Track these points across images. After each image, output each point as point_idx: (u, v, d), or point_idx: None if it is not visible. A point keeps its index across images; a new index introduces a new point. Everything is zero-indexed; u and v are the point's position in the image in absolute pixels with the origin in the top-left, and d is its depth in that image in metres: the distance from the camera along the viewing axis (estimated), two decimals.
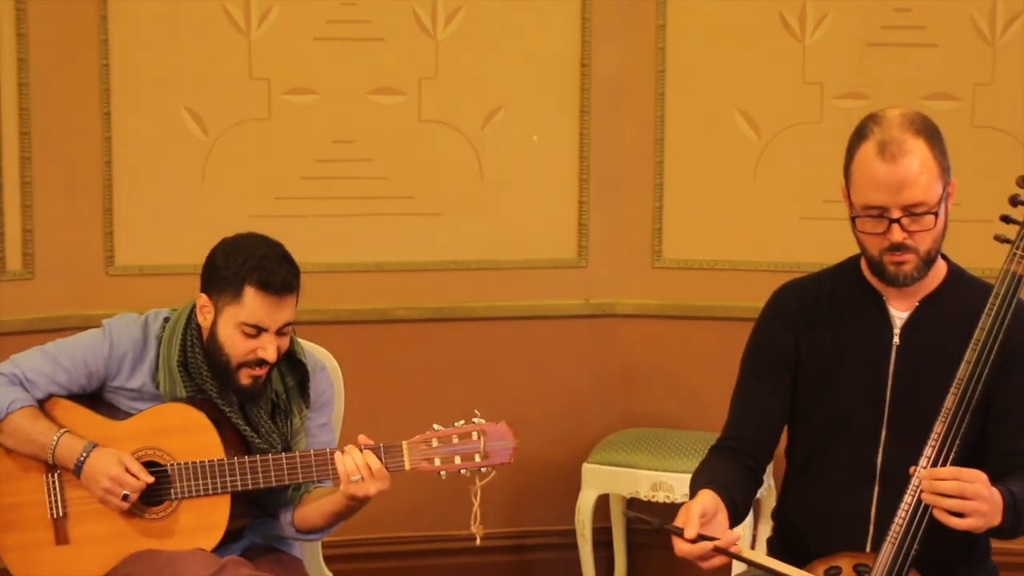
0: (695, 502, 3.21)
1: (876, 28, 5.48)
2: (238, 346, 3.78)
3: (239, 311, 3.75)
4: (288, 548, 4.00)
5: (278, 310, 3.75)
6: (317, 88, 5.44)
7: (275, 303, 3.74)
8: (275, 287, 3.73)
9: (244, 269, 3.74)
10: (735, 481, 3.39)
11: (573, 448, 5.65)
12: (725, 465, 3.44)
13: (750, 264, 5.57)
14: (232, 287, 3.76)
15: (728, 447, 3.50)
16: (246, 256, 3.76)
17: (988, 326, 3.22)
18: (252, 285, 3.74)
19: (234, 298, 3.76)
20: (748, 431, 3.50)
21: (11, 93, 5.16)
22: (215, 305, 3.80)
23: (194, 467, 3.75)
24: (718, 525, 3.20)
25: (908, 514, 3.18)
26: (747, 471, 3.46)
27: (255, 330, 3.76)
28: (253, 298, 3.74)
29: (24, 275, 5.25)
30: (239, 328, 3.76)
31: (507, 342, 5.66)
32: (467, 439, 3.70)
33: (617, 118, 5.64)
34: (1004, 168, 3.90)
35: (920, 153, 3.27)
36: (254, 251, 3.77)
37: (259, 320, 3.74)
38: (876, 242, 3.33)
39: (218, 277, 3.79)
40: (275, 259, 3.76)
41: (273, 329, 3.76)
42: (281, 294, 3.74)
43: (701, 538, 3.14)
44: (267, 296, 3.73)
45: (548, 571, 5.76)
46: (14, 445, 3.84)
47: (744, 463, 3.46)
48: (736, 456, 3.47)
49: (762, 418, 3.50)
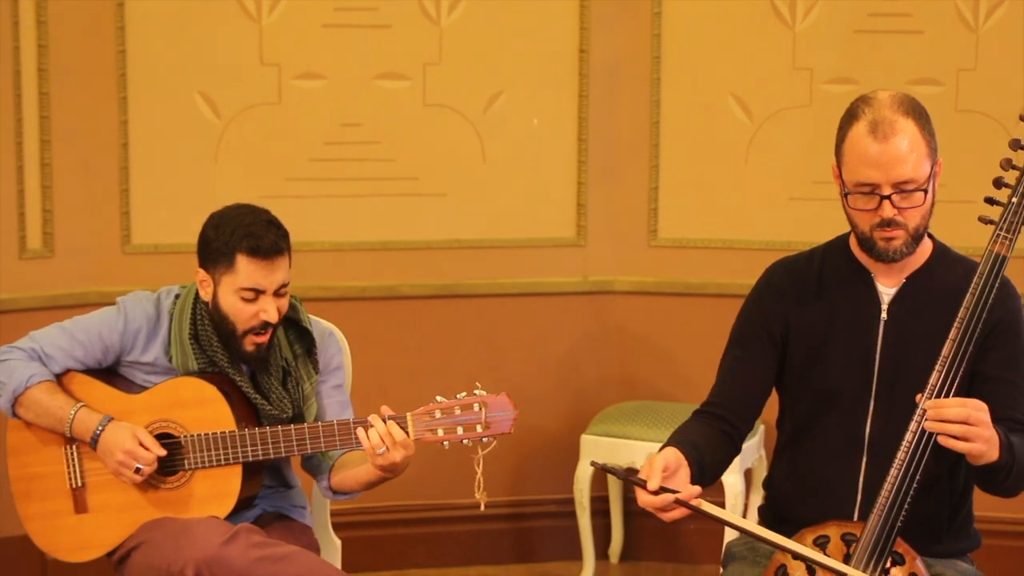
0: (658, 456, 3.21)
1: (863, 16, 5.47)
2: (241, 312, 3.78)
3: (235, 278, 3.76)
4: (298, 516, 4.01)
5: (271, 272, 3.76)
6: (325, 73, 5.43)
7: (267, 265, 3.75)
8: (264, 251, 3.74)
9: (233, 238, 3.74)
10: (708, 444, 3.39)
11: (571, 420, 5.66)
12: (702, 428, 3.44)
13: (743, 243, 5.57)
14: (225, 257, 3.76)
15: (709, 412, 3.49)
16: (234, 226, 3.76)
17: (972, 305, 3.22)
18: (243, 253, 3.74)
19: (228, 267, 3.76)
20: (730, 399, 3.50)
21: (31, 78, 5.16)
22: (213, 277, 3.80)
23: (207, 438, 3.75)
24: (679, 480, 3.20)
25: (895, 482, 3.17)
26: (723, 436, 3.45)
27: (253, 294, 3.76)
28: (246, 264, 3.74)
29: (44, 254, 5.25)
30: (238, 295, 3.77)
31: (508, 318, 5.66)
32: (469, 410, 3.69)
33: (614, 102, 5.63)
34: (987, 151, 3.88)
35: (910, 132, 3.27)
36: (241, 220, 3.77)
37: (255, 283, 3.75)
38: (867, 218, 3.32)
39: (211, 250, 3.79)
40: (261, 225, 3.77)
41: (270, 290, 3.77)
42: (271, 257, 3.75)
43: (663, 490, 3.15)
44: (258, 260, 3.74)
45: (547, 539, 5.76)
46: (33, 418, 3.83)
47: (722, 428, 3.45)
48: (715, 421, 3.46)
49: (745, 388, 3.50)
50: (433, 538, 5.67)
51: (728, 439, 3.46)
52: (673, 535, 5.70)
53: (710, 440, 3.41)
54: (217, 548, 3.59)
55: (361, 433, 3.67)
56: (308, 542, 3.89)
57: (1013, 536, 5.43)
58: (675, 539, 5.72)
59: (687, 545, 5.70)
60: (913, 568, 3.23)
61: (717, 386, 3.53)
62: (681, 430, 3.43)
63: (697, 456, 3.30)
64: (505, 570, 5.72)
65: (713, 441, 3.41)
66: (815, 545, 3.27)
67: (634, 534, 5.79)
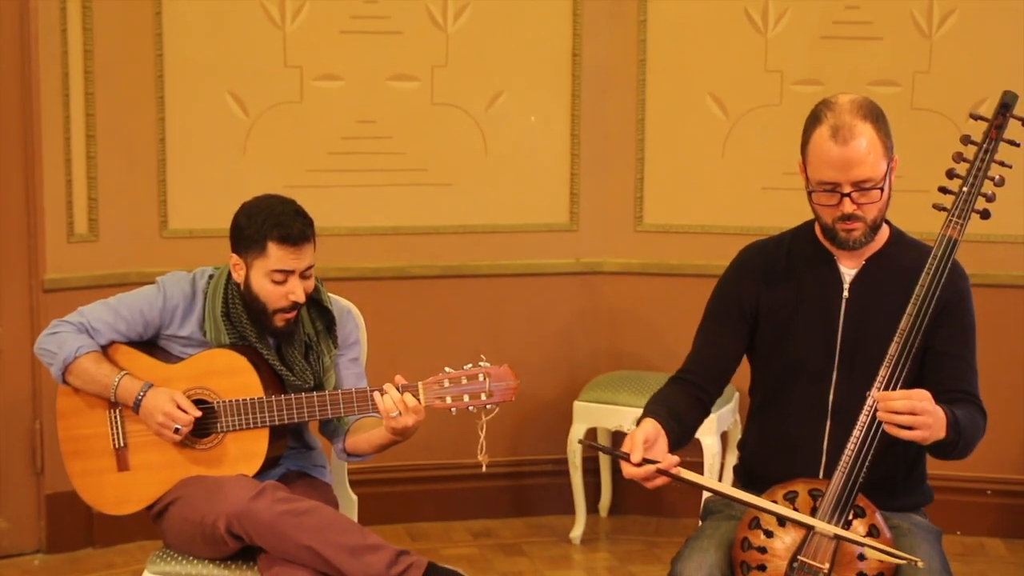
0: (639, 430, 3.23)
1: (829, 23, 5.47)
2: (272, 293, 3.79)
3: (266, 263, 3.76)
4: (319, 474, 4.01)
5: (299, 256, 3.76)
6: (343, 75, 5.43)
7: (295, 251, 3.76)
8: (293, 239, 3.75)
9: (265, 227, 3.75)
10: (682, 408, 3.40)
11: (565, 388, 5.66)
12: (677, 395, 3.44)
13: (720, 228, 5.57)
14: (257, 244, 3.77)
15: (684, 379, 3.49)
16: (265, 216, 3.76)
17: (927, 283, 3.22)
18: (273, 240, 3.75)
19: (260, 253, 3.77)
20: (702, 367, 3.50)
21: (78, 79, 5.16)
22: (245, 262, 3.81)
23: (237, 404, 3.76)
24: (659, 449, 3.22)
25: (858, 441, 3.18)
26: (696, 400, 3.46)
27: (283, 276, 3.77)
28: (276, 250, 3.75)
29: (89, 238, 5.25)
30: (269, 277, 3.77)
31: (508, 296, 5.66)
32: (474, 380, 3.70)
33: (604, 101, 5.63)
34: (940, 146, 3.88)
35: (868, 135, 3.27)
36: (271, 210, 3.78)
37: (285, 266, 3.76)
38: (829, 212, 3.33)
39: (243, 237, 3.80)
40: (289, 214, 3.77)
41: (298, 272, 3.78)
42: (299, 243, 3.76)
43: (646, 461, 3.16)
44: (287, 247, 3.75)
45: (543, 495, 5.76)
46: (81, 385, 3.84)
47: (694, 394, 3.46)
48: (688, 387, 3.47)
49: (716, 357, 3.50)
50: (440, 494, 5.67)
51: (699, 403, 3.47)
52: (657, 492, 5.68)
53: (684, 404, 3.42)
54: (246, 503, 3.60)
55: (378, 398, 3.68)
56: (328, 498, 3.90)
57: (962, 492, 5.44)
58: (658, 495, 5.71)
59: (669, 501, 5.71)
60: (873, 520, 3.24)
61: (691, 356, 3.53)
62: (659, 397, 3.44)
63: (673, 424, 3.31)
64: (505, 523, 5.72)
65: (687, 405, 3.43)
66: (785, 500, 3.28)
67: (621, 491, 5.80)
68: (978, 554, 5.44)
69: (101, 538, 5.34)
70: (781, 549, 3.24)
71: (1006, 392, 5.44)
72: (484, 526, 5.69)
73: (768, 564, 3.24)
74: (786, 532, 3.25)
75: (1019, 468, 5.55)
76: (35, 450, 5.27)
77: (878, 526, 3.24)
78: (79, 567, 5.23)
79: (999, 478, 5.55)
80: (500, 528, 5.68)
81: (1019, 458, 5.54)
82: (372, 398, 3.70)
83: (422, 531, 5.62)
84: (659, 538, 5.58)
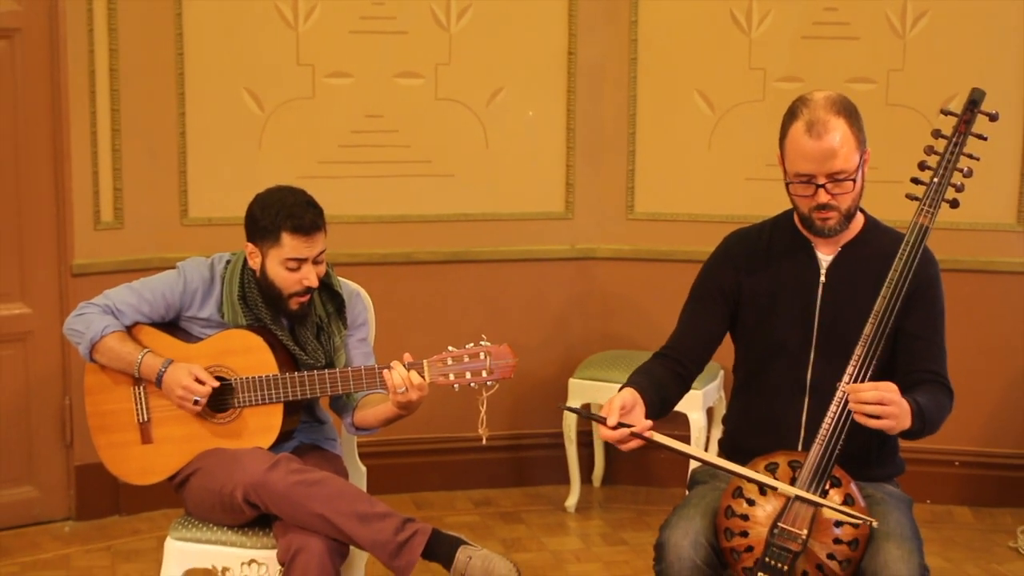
0: (616, 397, 3.24)
1: (809, 24, 5.46)
2: (286, 279, 3.79)
3: (280, 252, 3.76)
4: (330, 447, 4.02)
5: (311, 245, 3.76)
6: (352, 72, 5.42)
7: (308, 240, 3.75)
8: (305, 229, 3.75)
9: (278, 219, 3.75)
10: (664, 383, 3.41)
11: (561, 366, 5.67)
12: (659, 369, 3.45)
13: (706, 216, 5.57)
14: (271, 235, 3.76)
15: (666, 355, 3.50)
16: (278, 208, 3.76)
17: (900, 267, 3.23)
18: (287, 231, 3.74)
19: (274, 243, 3.77)
20: (684, 345, 3.50)
21: (104, 77, 5.15)
22: (260, 250, 3.81)
23: (253, 381, 3.76)
24: (635, 415, 3.23)
25: (834, 419, 3.20)
26: (677, 376, 3.46)
27: (296, 263, 3.77)
28: (290, 240, 3.75)
29: (115, 225, 5.25)
30: (284, 264, 3.77)
31: (507, 280, 5.66)
32: (476, 358, 3.70)
33: (597, 97, 5.63)
34: (913, 139, 3.88)
35: (841, 130, 3.28)
36: (283, 202, 3.77)
37: (298, 255, 3.76)
38: (806, 202, 3.34)
39: (258, 227, 3.79)
40: (301, 205, 3.77)
41: (311, 259, 3.77)
42: (311, 233, 3.76)
43: (620, 425, 3.18)
44: (300, 236, 3.75)
45: (540, 466, 5.77)
46: (107, 362, 3.85)
47: (676, 370, 3.47)
48: (670, 363, 3.47)
49: (698, 337, 3.50)
50: (444, 466, 5.68)
51: (680, 378, 3.47)
52: (646, 463, 5.72)
53: (665, 378, 3.43)
54: (262, 474, 3.61)
55: (386, 374, 3.68)
56: (338, 469, 3.91)
57: (931, 463, 5.45)
58: (648, 467, 5.74)
59: (658, 472, 5.72)
60: (848, 490, 3.25)
61: (674, 334, 3.53)
62: (641, 369, 3.45)
63: (652, 394, 3.32)
64: (504, 493, 5.73)
65: (667, 379, 3.44)
66: (766, 470, 3.29)
67: (613, 462, 5.81)
68: (946, 521, 5.45)
69: (127, 506, 5.35)
70: (762, 517, 3.25)
71: (973, 371, 5.44)
72: (485, 495, 5.70)
73: (750, 531, 3.25)
74: (767, 501, 3.26)
75: (984, 441, 5.56)
76: (65, 424, 5.28)
77: (853, 495, 3.25)
78: (106, 533, 5.24)
79: (966, 450, 5.56)
80: (500, 497, 5.69)
81: (984, 432, 5.55)
82: (380, 375, 3.70)
83: (427, 500, 5.62)
84: (649, 507, 5.58)
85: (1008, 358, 5.50)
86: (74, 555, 5.05)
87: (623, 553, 5.13)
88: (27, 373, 5.21)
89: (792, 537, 3.21)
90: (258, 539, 3.72)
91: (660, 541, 3.29)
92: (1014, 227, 5.43)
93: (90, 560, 5.01)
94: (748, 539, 3.25)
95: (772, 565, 3.21)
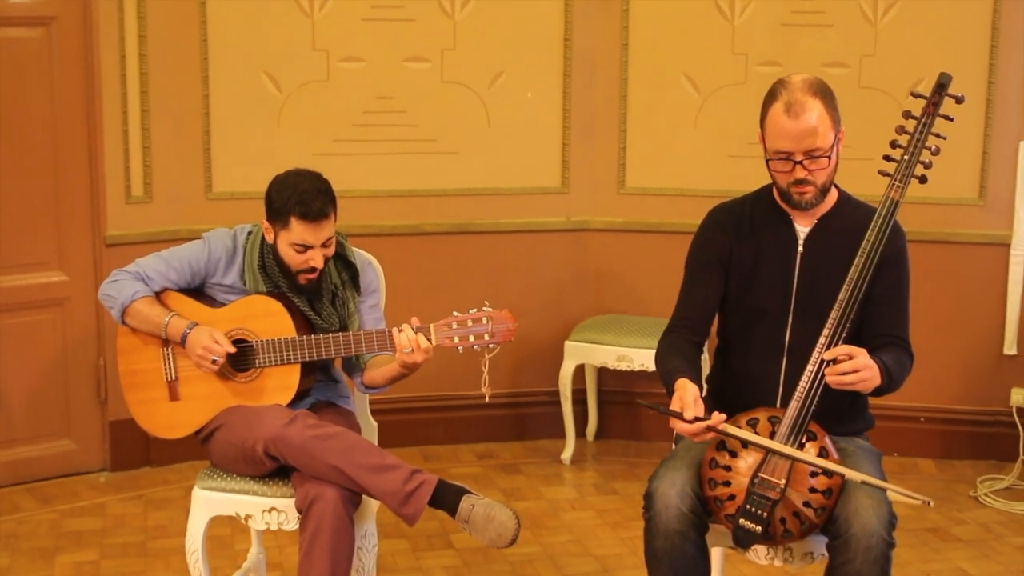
0: (687, 392, 3.22)
1: (788, 12, 5.44)
2: (294, 259, 3.77)
3: (289, 235, 3.74)
4: (344, 404, 4.01)
5: (318, 232, 3.73)
6: (364, 57, 5.40)
7: (315, 227, 3.72)
8: (313, 216, 3.71)
9: (289, 204, 3.71)
10: (694, 361, 3.39)
11: (557, 329, 5.67)
12: (684, 346, 3.43)
13: (692, 191, 5.56)
14: (282, 217, 3.74)
15: (683, 326, 3.48)
16: (290, 193, 3.72)
17: (873, 238, 3.24)
18: (295, 216, 3.71)
19: (284, 226, 3.74)
20: (694, 314, 3.48)
21: (134, 62, 5.14)
22: (273, 229, 3.79)
23: (273, 343, 3.75)
24: (700, 406, 3.21)
25: (810, 378, 3.21)
26: (696, 347, 3.46)
27: (303, 248, 3.75)
28: (297, 225, 3.72)
29: (144, 199, 5.24)
30: (292, 247, 3.75)
31: (508, 249, 5.66)
32: (479, 322, 3.69)
33: (591, 80, 5.61)
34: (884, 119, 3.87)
35: (817, 110, 3.27)
36: (297, 187, 3.73)
37: (304, 240, 3.73)
38: (784, 178, 3.34)
39: (273, 208, 3.77)
40: (312, 192, 3.72)
41: (317, 244, 3.75)
42: (318, 220, 3.72)
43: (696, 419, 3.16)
44: (307, 223, 3.71)
45: (538, 422, 5.78)
46: (137, 325, 3.84)
47: (694, 340, 3.46)
48: (689, 334, 3.46)
49: (705, 302, 3.49)
50: (449, 421, 5.68)
51: (698, 348, 3.47)
52: (635, 419, 5.72)
53: (693, 355, 3.42)
54: (281, 429, 3.61)
55: (396, 334, 3.67)
56: (352, 424, 3.90)
57: (899, 419, 5.46)
58: (637, 422, 5.74)
59: (645, 427, 5.72)
60: (823, 443, 3.25)
61: (683, 303, 3.51)
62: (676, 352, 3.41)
63: (697, 377, 3.31)
64: (505, 446, 5.73)
65: (694, 355, 3.43)
66: (747, 425, 3.28)
67: (606, 418, 5.81)
68: (912, 472, 5.46)
69: (157, 458, 5.36)
70: (744, 468, 3.25)
71: (937, 334, 5.45)
72: (487, 448, 5.70)
73: (732, 481, 3.25)
74: (748, 453, 3.26)
75: (947, 399, 5.56)
76: (99, 383, 5.28)
77: (827, 448, 3.25)
78: (138, 483, 5.25)
79: (930, 407, 5.56)
80: (501, 450, 5.69)
81: (947, 391, 5.55)
82: (391, 335, 3.69)
83: (433, 453, 5.63)
84: (638, 459, 5.59)
85: (970, 322, 5.50)
86: (109, 503, 5.06)
87: (615, 502, 5.13)
88: (64, 336, 5.21)
89: (771, 486, 3.21)
90: (278, 488, 3.72)
91: (649, 491, 3.29)
92: (976, 201, 5.42)
93: (123, 508, 5.02)
94: (730, 488, 3.25)
95: (752, 512, 3.21)
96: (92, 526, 4.84)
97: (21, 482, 5.19)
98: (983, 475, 5.38)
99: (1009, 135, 5.36)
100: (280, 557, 4.53)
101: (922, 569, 4.54)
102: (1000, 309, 5.46)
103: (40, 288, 5.15)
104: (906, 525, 4.74)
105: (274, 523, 3.72)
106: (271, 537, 4.55)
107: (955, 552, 4.69)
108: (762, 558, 3.40)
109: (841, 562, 3.18)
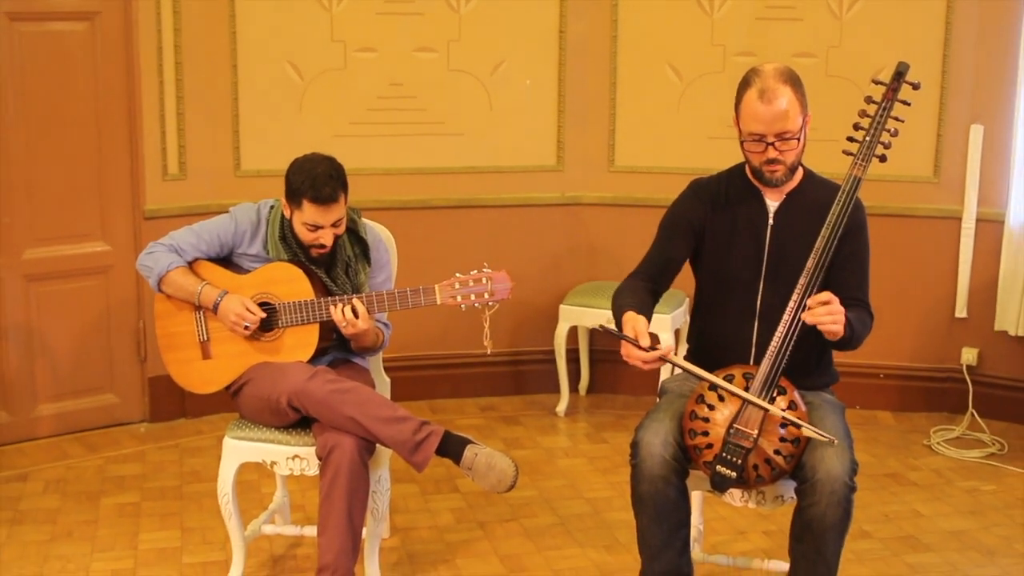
0: (639, 323, 3.20)
1: (763, 7, 5.41)
2: (306, 236, 3.76)
3: (301, 215, 3.73)
4: (359, 361, 4.01)
5: (328, 214, 3.71)
6: (378, 47, 5.38)
7: (325, 209, 3.70)
8: (323, 199, 3.69)
9: (303, 187, 3.69)
10: (647, 301, 3.37)
11: (552, 294, 5.66)
12: (640, 288, 3.40)
13: (675, 169, 5.54)
14: (296, 198, 3.72)
15: (641, 274, 3.46)
16: (304, 176, 3.70)
17: (837, 211, 3.24)
18: (307, 199, 3.69)
19: (297, 206, 3.73)
20: (655, 268, 3.47)
21: (170, 52, 5.11)
22: (290, 207, 3.78)
23: (294, 305, 3.75)
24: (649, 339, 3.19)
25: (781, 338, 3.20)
26: (652, 293, 3.43)
27: (314, 227, 3.73)
28: (308, 207, 3.70)
29: (179, 176, 5.23)
30: (304, 226, 3.74)
31: (508, 222, 5.64)
32: (479, 282, 3.69)
33: (584, 68, 5.58)
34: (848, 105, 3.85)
35: (787, 96, 3.26)
36: (311, 171, 3.70)
37: (315, 221, 3.72)
38: (757, 157, 3.33)
39: (289, 190, 3.75)
40: (324, 177, 3.69)
41: (327, 225, 3.73)
42: (328, 203, 3.69)
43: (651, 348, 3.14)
44: (317, 206, 3.69)
45: (535, 378, 5.77)
46: (172, 292, 3.84)
47: (650, 288, 3.43)
48: (646, 281, 3.44)
49: (667, 263, 3.47)
50: (454, 377, 5.68)
51: (654, 294, 3.44)
52: (623, 376, 5.71)
53: (646, 297, 3.40)
54: (303, 383, 3.61)
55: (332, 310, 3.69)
56: (366, 380, 3.90)
57: (861, 375, 5.46)
58: (624, 378, 5.73)
59: (632, 383, 5.71)
60: (792, 397, 3.25)
61: (648, 258, 3.50)
62: (631, 291, 3.39)
63: (648, 313, 3.30)
64: (505, 400, 5.73)
65: (647, 297, 3.40)
66: (724, 380, 3.28)
67: (596, 374, 5.81)
68: (872, 423, 5.46)
69: (191, 411, 5.36)
70: (720, 419, 3.25)
71: (896, 299, 5.44)
72: (489, 402, 5.70)
73: (710, 431, 3.26)
74: (725, 406, 3.26)
75: (904, 357, 5.56)
76: (139, 343, 5.28)
77: (796, 401, 3.25)
78: (175, 433, 5.25)
79: (889, 365, 5.56)
80: (501, 404, 5.69)
81: (904, 350, 5.54)
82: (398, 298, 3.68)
83: (440, 406, 5.62)
84: (626, 412, 5.59)
85: (925, 289, 5.49)
86: (148, 451, 5.07)
87: (604, 450, 5.14)
88: (107, 300, 5.21)
89: (745, 436, 3.21)
90: (300, 438, 3.72)
91: (635, 440, 3.30)
92: (931, 179, 5.41)
93: (161, 456, 5.02)
94: (708, 438, 3.25)
95: (728, 459, 3.22)
96: (133, 471, 4.85)
97: (69, 432, 5.19)
98: (936, 426, 5.38)
99: (961, 119, 5.34)
100: (303, 500, 4.54)
101: (881, 511, 4.54)
102: (952, 276, 5.46)
103: (85, 257, 5.14)
104: (867, 471, 4.75)
105: (297, 469, 3.72)
106: (294, 481, 4.55)
107: (910, 495, 4.70)
108: (737, 500, 3.40)
109: (808, 504, 3.18)
